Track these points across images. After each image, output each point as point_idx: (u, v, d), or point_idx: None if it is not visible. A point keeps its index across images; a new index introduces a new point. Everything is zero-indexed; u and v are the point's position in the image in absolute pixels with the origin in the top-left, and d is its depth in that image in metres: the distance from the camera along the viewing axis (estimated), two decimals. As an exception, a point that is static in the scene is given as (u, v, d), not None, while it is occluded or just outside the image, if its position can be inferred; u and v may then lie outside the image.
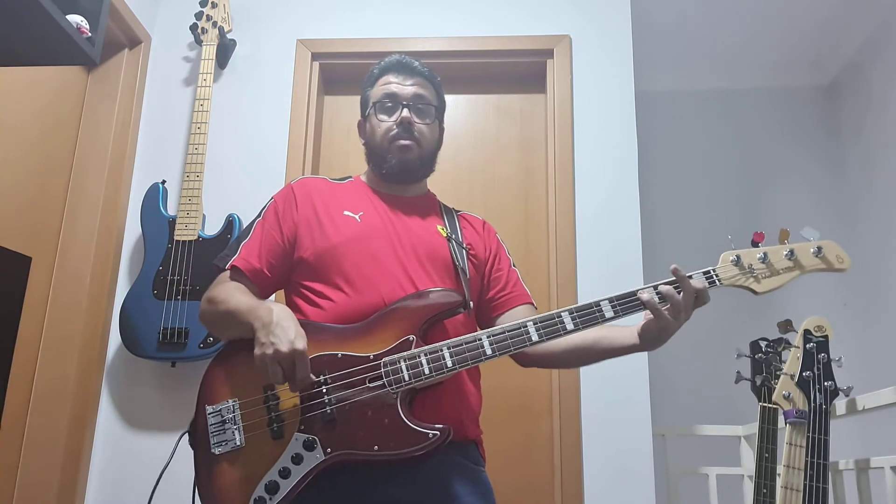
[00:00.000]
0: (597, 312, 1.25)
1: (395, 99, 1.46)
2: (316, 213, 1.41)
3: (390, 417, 1.19)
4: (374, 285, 1.31)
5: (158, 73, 2.55)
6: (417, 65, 1.50)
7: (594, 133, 2.44)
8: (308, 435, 1.19)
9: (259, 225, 1.42)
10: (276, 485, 1.17)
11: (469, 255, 1.45)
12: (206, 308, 1.36)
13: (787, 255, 1.27)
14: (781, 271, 1.27)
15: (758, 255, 1.28)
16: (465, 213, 1.58)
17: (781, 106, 3.35)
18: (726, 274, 1.27)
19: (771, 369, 1.92)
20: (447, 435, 1.17)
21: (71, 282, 2.22)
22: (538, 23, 2.56)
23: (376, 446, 1.17)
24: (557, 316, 1.25)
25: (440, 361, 1.22)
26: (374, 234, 1.38)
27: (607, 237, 2.33)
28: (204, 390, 1.28)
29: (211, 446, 1.22)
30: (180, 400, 2.25)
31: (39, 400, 2.12)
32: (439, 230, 1.45)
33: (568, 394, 2.20)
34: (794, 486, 1.63)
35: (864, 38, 3.04)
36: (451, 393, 1.29)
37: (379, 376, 1.21)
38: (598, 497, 2.11)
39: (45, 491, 2.06)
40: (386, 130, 1.45)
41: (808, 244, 1.28)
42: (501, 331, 1.25)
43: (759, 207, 3.21)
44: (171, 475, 1.32)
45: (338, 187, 1.50)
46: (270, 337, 1.18)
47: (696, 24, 3.00)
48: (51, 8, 1.34)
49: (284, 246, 1.39)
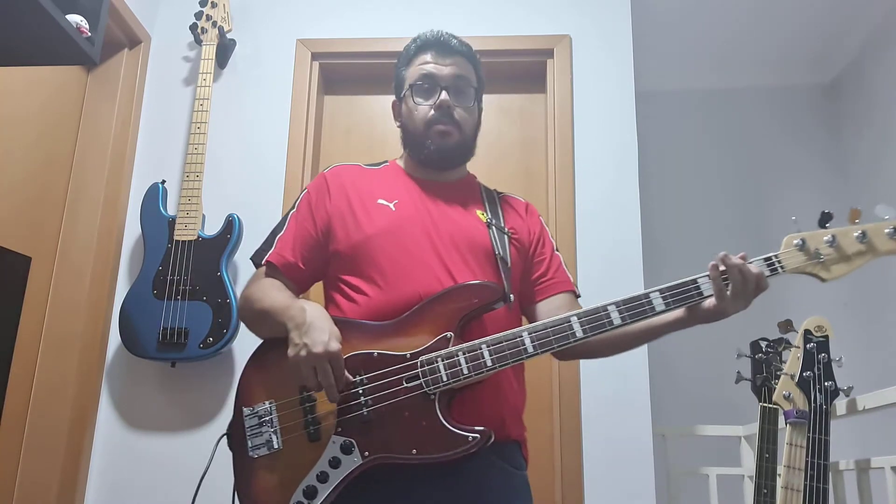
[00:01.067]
0: (646, 305, 1.18)
1: (433, 81, 1.37)
2: (349, 203, 1.36)
3: (428, 419, 1.15)
4: (410, 278, 1.26)
5: (158, 73, 2.55)
6: (456, 42, 1.41)
7: (594, 132, 2.44)
8: (345, 438, 1.16)
9: (293, 217, 1.38)
10: (314, 489, 1.14)
11: (512, 239, 1.38)
12: (243, 306, 1.34)
13: (859, 237, 1.15)
14: (852, 256, 1.15)
15: (825, 237, 1.17)
16: (508, 196, 1.51)
17: (782, 104, 3.34)
18: (790, 260, 1.17)
19: (771, 369, 1.92)
20: (487, 438, 1.13)
21: (71, 282, 2.22)
22: (538, 23, 2.56)
23: (414, 450, 1.14)
24: (604, 310, 1.19)
25: (479, 360, 1.17)
26: (410, 223, 1.32)
27: (607, 236, 2.33)
28: (241, 391, 1.25)
29: (249, 449, 1.20)
30: (180, 400, 2.25)
31: (39, 400, 2.12)
32: (479, 216, 1.39)
33: (568, 393, 2.20)
34: (795, 486, 1.62)
35: (865, 36, 3.04)
36: (492, 390, 1.24)
37: (416, 376, 1.18)
38: (598, 497, 2.11)
39: (45, 491, 2.06)
40: (423, 115, 1.37)
41: (883, 224, 1.16)
42: (543, 326, 1.19)
43: (760, 207, 3.21)
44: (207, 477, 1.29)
45: (372, 173, 1.44)
46: (304, 338, 1.16)
47: (696, 22, 3.00)
48: (51, 8, 1.34)
49: (318, 238, 1.35)
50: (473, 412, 1.19)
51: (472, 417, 1.17)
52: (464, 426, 1.15)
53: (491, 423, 1.17)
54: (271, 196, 2.38)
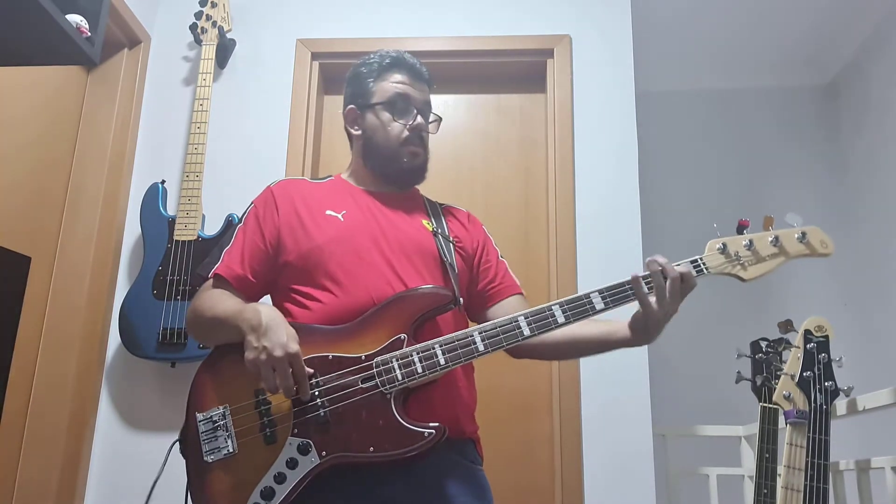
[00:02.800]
0: (587, 305, 1.25)
1: (409, 102, 1.44)
2: (298, 214, 1.38)
3: (384, 418, 1.17)
4: (362, 284, 1.29)
5: (158, 73, 2.55)
6: (426, 71, 1.49)
7: (594, 132, 2.44)
8: (302, 439, 1.18)
9: (241, 231, 1.39)
10: (271, 490, 1.15)
11: (456, 248, 1.44)
12: (192, 317, 1.35)
13: (772, 241, 1.28)
14: (767, 258, 1.28)
15: (743, 242, 1.28)
16: (450, 206, 1.55)
17: (781, 105, 3.35)
18: (713, 262, 1.28)
19: (771, 369, 1.92)
20: (442, 434, 1.16)
21: (71, 282, 2.22)
22: (538, 23, 2.56)
23: (371, 447, 1.16)
24: (548, 309, 1.24)
25: (433, 360, 1.21)
26: (359, 231, 1.36)
27: (607, 236, 2.33)
28: (193, 397, 1.26)
29: (203, 454, 1.20)
30: (180, 400, 2.21)
31: (39, 400, 2.12)
32: (425, 225, 1.43)
33: (568, 394, 2.20)
34: (795, 486, 1.63)
35: (863, 37, 3.04)
36: (445, 390, 1.28)
37: (371, 377, 1.20)
38: (598, 497, 2.11)
39: (44, 491, 2.06)
40: (398, 133, 1.42)
41: (793, 230, 1.29)
42: (493, 326, 1.24)
43: (759, 207, 3.20)
44: (170, 478, 1.31)
45: (318, 187, 1.47)
46: (263, 341, 1.16)
47: (696, 23, 3.00)
48: (51, 8, 1.34)
49: (267, 250, 1.37)
50: (428, 410, 1.22)
51: (428, 416, 1.20)
52: (419, 423, 1.17)
53: (445, 421, 1.19)
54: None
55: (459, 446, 1.30)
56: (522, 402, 2.30)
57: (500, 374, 2.19)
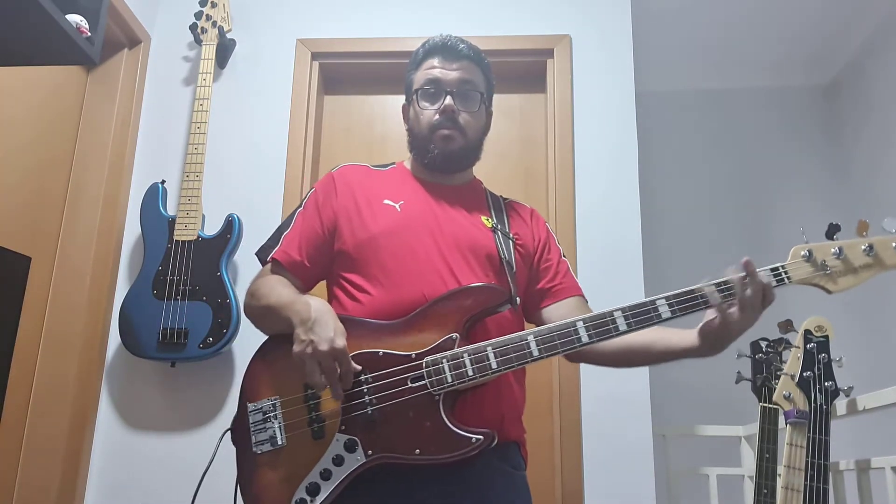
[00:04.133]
0: (652, 312, 1.17)
1: (439, 85, 1.39)
2: (356, 202, 1.36)
3: (432, 420, 1.15)
4: (414, 279, 1.26)
5: (158, 73, 2.55)
6: (464, 47, 1.42)
7: (594, 132, 2.44)
8: (349, 436, 1.16)
9: (300, 215, 1.39)
10: (317, 486, 1.14)
11: (516, 245, 1.39)
12: (248, 302, 1.34)
13: (866, 249, 1.15)
14: (859, 269, 1.15)
15: (832, 249, 1.16)
16: (513, 201, 1.52)
17: (781, 105, 3.35)
18: (797, 271, 1.17)
19: (771, 369, 1.92)
20: (491, 441, 1.13)
21: (71, 282, 2.22)
22: (538, 23, 2.56)
23: (418, 450, 1.14)
24: (609, 315, 1.18)
25: (484, 362, 1.17)
26: (414, 224, 1.32)
27: (607, 236, 2.32)
28: (245, 386, 1.25)
29: (252, 445, 1.20)
30: (180, 400, 2.25)
31: (39, 400, 2.12)
32: (484, 221, 1.39)
33: (568, 393, 2.20)
34: (795, 486, 1.63)
35: (864, 37, 3.04)
36: (494, 392, 1.24)
37: (421, 376, 1.17)
38: (598, 497, 2.10)
39: (44, 491, 2.06)
40: (428, 119, 1.38)
41: (890, 238, 1.16)
42: (549, 331, 1.19)
43: (759, 207, 3.21)
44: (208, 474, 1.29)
45: (379, 174, 1.45)
46: (310, 334, 1.15)
47: (696, 23, 3.00)
48: (51, 8, 1.34)
49: (324, 236, 1.36)
50: (475, 413, 1.19)
51: (474, 418, 1.17)
52: (468, 428, 1.15)
53: (492, 425, 1.17)
54: (271, 196, 2.38)
55: (503, 450, 1.26)
56: (522, 402, 2.29)
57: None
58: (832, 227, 1.18)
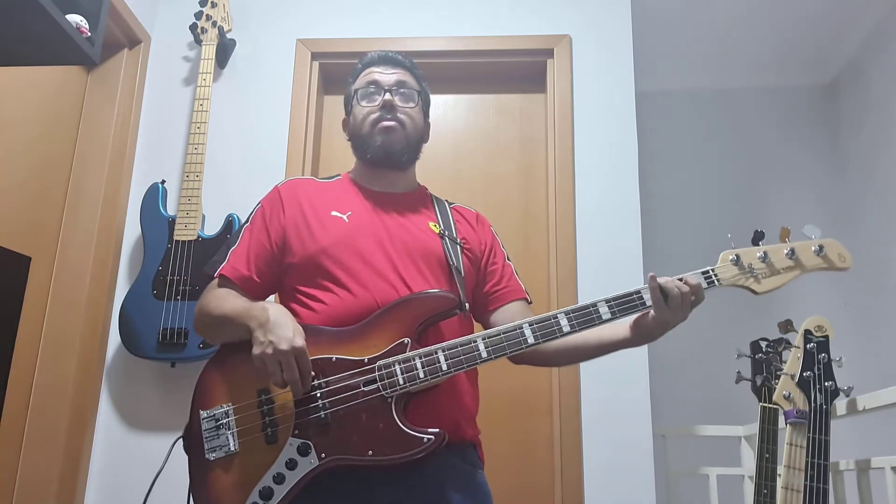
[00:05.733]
0: (594, 314, 1.24)
1: (378, 85, 1.44)
2: (304, 215, 1.38)
3: (385, 422, 1.18)
4: (366, 287, 1.29)
5: (158, 73, 2.55)
6: (400, 57, 1.49)
7: (594, 132, 2.44)
8: (302, 440, 1.18)
9: (247, 230, 1.40)
10: (270, 490, 1.16)
11: (464, 249, 1.42)
12: (199, 316, 1.35)
13: (788, 253, 1.25)
14: (782, 271, 1.25)
15: (758, 254, 1.25)
16: (459, 206, 1.54)
17: (781, 105, 3.35)
18: (726, 274, 1.25)
19: (771, 369, 1.92)
20: (442, 439, 1.16)
21: (71, 281, 2.22)
22: (538, 23, 2.56)
23: (371, 451, 1.16)
24: (554, 318, 1.24)
25: (435, 364, 1.21)
26: (363, 233, 1.35)
27: (607, 236, 2.33)
28: (198, 394, 1.27)
29: (205, 451, 1.21)
30: (180, 400, 2.24)
31: (39, 400, 2.12)
32: (431, 227, 1.42)
33: (568, 394, 2.20)
34: (795, 486, 1.62)
35: (864, 37, 3.04)
36: (447, 394, 1.27)
37: (373, 380, 1.20)
38: (598, 497, 2.11)
39: (44, 490, 2.06)
40: (368, 114, 1.42)
41: (810, 242, 1.25)
42: (497, 332, 1.24)
43: (759, 207, 3.21)
44: (170, 476, 1.31)
45: (325, 186, 1.47)
46: (269, 335, 1.17)
47: (696, 23, 3.00)
48: (51, 8, 1.34)
49: (273, 250, 1.37)
50: (430, 415, 1.22)
51: (429, 420, 1.20)
52: (419, 428, 1.17)
53: (446, 426, 1.20)
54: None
55: (460, 449, 1.30)
56: (522, 402, 2.30)
57: (500, 375, 2.19)
58: (757, 234, 1.27)
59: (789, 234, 1.27)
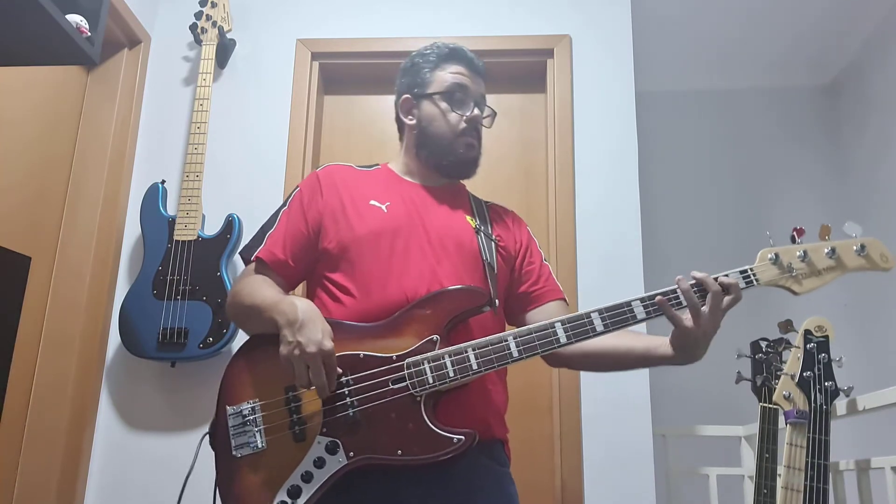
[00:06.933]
0: (628, 313, 1.20)
1: (468, 94, 1.43)
2: (342, 202, 1.37)
3: (414, 421, 1.16)
4: (398, 281, 1.27)
5: (158, 73, 2.55)
6: (482, 65, 1.49)
7: (594, 133, 2.44)
8: (330, 438, 1.17)
9: (284, 214, 1.39)
10: (298, 489, 1.14)
11: (498, 247, 1.41)
12: (231, 301, 1.34)
13: (829, 253, 1.20)
14: (823, 271, 1.20)
15: (797, 252, 1.20)
16: (495, 204, 1.53)
17: (782, 105, 3.35)
18: (765, 273, 1.20)
19: (771, 369, 1.92)
20: (472, 440, 1.14)
21: (70, 281, 2.22)
22: (538, 23, 2.56)
23: (399, 451, 1.15)
24: (587, 316, 1.20)
25: (465, 363, 1.18)
26: (400, 225, 1.33)
27: (607, 236, 2.32)
28: (224, 389, 1.25)
29: (232, 448, 1.20)
30: (180, 400, 2.25)
31: (39, 399, 2.12)
32: (468, 221, 1.41)
33: (568, 393, 2.20)
34: (795, 486, 1.62)
35: (865, 37, 3.04)
36: (477, 392, 1.25)
37: (402, 378, 1.18)
38: (598, 497, 2.10)
39: (44, 490, 2.06)
40: (455, 123, 1.41)
41: (851, 241, 1.20)
42: (528, 332, 1.21)
43: (759, 207, 3.21)
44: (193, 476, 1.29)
45: (364, 175, 1.45)
46: (297, 336, 1.15)
47: (696, 23, 3.00)
48: (51, 8, 1.34)
49: (309, 235, 1.36)
50: (459, 414, 1.20)
51: (458, 419, 1.18)
52: (449, 428, 1.16)
53: (476, 425, 1.18)
54: (271, 196, 2.38)
55: (488, 448, 1.28)
56: (523, 401, 2.29)
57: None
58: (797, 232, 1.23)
59: (830, 231, 1.21)
